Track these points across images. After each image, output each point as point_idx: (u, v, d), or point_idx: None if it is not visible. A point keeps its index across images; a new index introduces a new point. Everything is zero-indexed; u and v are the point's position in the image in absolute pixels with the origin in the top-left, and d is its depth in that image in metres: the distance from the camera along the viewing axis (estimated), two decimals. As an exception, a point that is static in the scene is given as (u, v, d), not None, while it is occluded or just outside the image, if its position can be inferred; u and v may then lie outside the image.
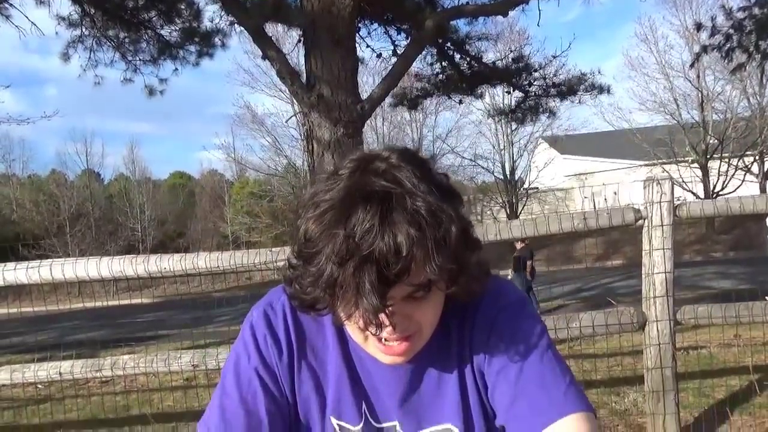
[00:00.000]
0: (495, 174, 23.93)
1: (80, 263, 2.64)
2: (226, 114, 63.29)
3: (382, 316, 0.70)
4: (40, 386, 5.48)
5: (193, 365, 2.66)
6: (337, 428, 0.88)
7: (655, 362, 2.77)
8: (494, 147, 24.17)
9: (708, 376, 3.82)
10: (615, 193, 20.78)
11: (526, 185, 24.23)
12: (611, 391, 3.60)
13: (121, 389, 5.15)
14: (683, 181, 18.54)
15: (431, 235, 0.68)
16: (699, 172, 19.82)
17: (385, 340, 0.77)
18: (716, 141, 19.35)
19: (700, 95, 19.82)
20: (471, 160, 24.29)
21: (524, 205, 23.68)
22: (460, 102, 10.00)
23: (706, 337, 4.71)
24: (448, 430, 0.88)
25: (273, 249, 2.66)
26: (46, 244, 21.53)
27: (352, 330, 0.80)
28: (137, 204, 27.77)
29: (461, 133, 26.15)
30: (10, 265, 2.71)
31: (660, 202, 2.64)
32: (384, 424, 0.89)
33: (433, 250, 0.68)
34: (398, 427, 0.89)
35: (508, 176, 23.56)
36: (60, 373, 2.72)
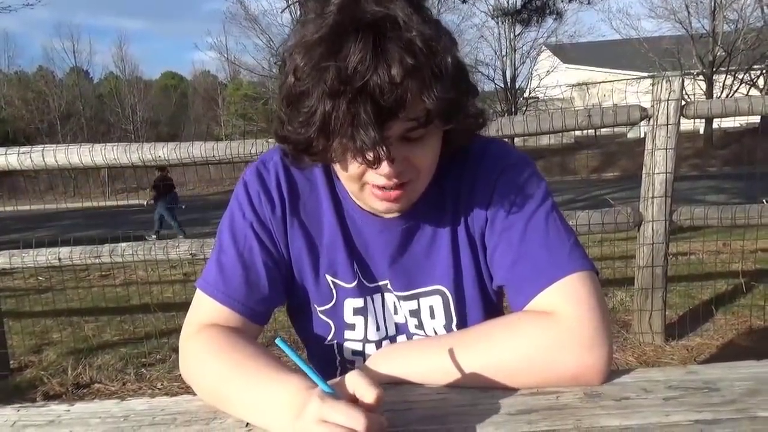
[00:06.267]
0: (495, 82, 23.35)
1: (72, 149, 2.59)
2: (219, 11, 60.49)
3: (381, 151, 0.66)
4: (41, 278, 5.59)
5: (191, 254, 2.68)
6: (332, 285, 0.89)
7: (647, 261, 2.81)
8: (496, 53, 23.45)
9: (696, 279, 3.91)
10: (616, 105, 20.42)
11: (526, 94, 23.71)
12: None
13: (121, 282, 5.26)
14: (687, 94, 18.17)
15: (427, 65, 0.64)
16: (703, 85, 19.40)
17: (382, 187, 0.74)
18: (724, 53, 18.79)
19: (713, 2, 19.02)
20: (471, 66, 23.57)
21: (524, 114, 23.29)
22: (464, 1, 9.56)
23: (697, 246, 4.79)
24: (439, 291, 0.88)
25: (269, 139, 2.61)
26: (38, 144, 21.33)
27: (347, 180, 0.76)
28: (128, 104, 27.24)
29: (462, 38, 25.18)
30: (1, 149, 2.65)
31: (668, 100, 2.57)
32: (378, 283, 0.90)
33: (429, 79, 0.65)
34: (389, 286, 0.89)
35: (509, 84, 22.99)
36: (59, 259, 2.74)
